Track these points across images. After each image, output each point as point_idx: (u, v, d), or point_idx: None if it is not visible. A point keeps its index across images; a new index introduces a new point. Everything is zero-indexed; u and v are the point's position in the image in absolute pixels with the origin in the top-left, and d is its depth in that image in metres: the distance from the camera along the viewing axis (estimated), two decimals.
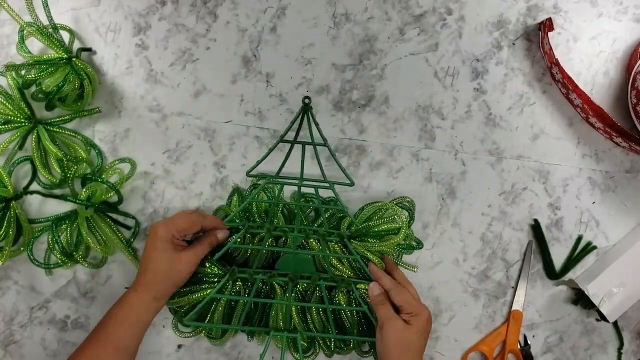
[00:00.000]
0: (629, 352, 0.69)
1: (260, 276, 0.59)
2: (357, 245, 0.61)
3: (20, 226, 0.62)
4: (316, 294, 0.61)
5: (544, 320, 0.68)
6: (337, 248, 0.61)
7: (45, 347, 0.67)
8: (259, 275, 0.60)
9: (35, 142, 0.62)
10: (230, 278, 0.59)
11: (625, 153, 0.68)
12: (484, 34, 0.67)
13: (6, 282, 0.66)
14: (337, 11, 0.67)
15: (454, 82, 0.67)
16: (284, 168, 0.59)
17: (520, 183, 0.68)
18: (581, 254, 0.67)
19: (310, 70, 0.67)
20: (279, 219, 0.62)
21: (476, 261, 0.68)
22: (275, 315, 0.60)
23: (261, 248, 0.60)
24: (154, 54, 0.66)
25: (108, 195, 0.64)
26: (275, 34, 0.67)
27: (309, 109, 0.53)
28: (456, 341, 0.68)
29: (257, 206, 0.63)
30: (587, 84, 0.68)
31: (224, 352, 0.67)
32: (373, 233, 0.61)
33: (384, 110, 0.67)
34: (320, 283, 0.60)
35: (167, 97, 0.66)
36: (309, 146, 0.58)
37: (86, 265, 0.64)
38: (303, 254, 0.61)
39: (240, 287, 0.60)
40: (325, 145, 0.56)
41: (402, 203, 0.64)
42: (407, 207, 0.64)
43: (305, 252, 0.61)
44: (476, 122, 0.67)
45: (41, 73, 0.60)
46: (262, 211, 0.63)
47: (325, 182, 0.58)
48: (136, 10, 0.67)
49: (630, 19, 0.68)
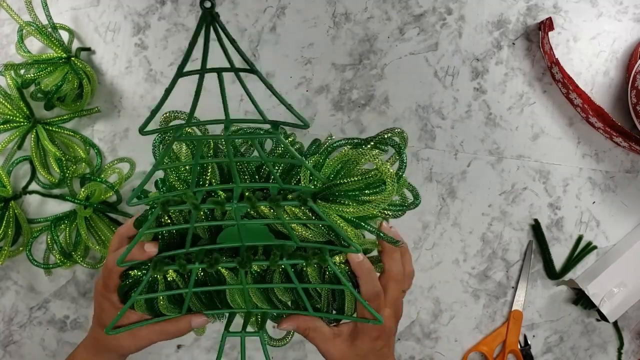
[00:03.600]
0: (629, 352, 0.69)
1: (197, 265, 0.42)
2: (326, 209, 0.42)
3: (19, 226, 0.62)
4: (278, 270, 0.45)
5: (544, 320, 0.68)
6: (298, 212, 0.42)
7: (44, 347, 0.67)
8: (194, 266, 0.42)
9: (34, 142, 0.62)
10: (156, 273, 0.43)
11: (626, 153, 0.68)
12: (484, 34, 0.67)
13: (5, 282, 0.66)
14: (337, 11, 0.67)
15: (454, 81, 0.67)
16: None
17: (520, 183, 0.68)
18: (581, 254, 0.67)
19: (310, 69, 0.67)
20: (212, 176, 0.44)
21: (476, 261, 0.68)
22: (232, 298, 0.47)
23: (189, 226, 0.41)
24: (154, 54, 0.66)
25: (107, 195, 0.64)
26: (275, 33, 0.67)
27: (215, 20, 0.33)
28: (456, 341, 0.68)
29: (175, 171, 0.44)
30: (587, 83, 0.68)
31: (223, 352, 0.67)
32: (347, 191, 0.42)
33: (384, 110, 0.67)
34: (283, 262, 0.43)
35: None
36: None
37: (85, 265, 0.64)
38: (252, 224, 0.43)
39: (175, 278, 0.45)
40: (252, 70, 0.37)
41: (389, 138, 0.44)
42: (396, 142, 0.44)
43: (254, 222, 0.43)
44: (476, 122, 0.67)
45: (40, 72, 0.60)
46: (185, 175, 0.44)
47: (265, 121, 0.38)
48: (135, 10, 0.66)
49: (630, 19, 0.68)
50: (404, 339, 0.68)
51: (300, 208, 0.42)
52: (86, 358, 0.48)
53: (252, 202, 0.40)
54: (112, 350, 0.48)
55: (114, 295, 0.46)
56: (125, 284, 0.45)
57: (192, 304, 0.47)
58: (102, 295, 0.46)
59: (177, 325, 0.46)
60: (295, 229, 0.43)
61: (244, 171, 0.45)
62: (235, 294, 0.47)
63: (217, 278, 0.46)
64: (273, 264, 0.43)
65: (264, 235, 0.44)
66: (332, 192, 0.42)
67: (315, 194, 0.42)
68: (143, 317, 0.47)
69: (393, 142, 0.44)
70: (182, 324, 0.46)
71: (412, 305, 0.67)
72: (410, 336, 0.68)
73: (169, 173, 0.44)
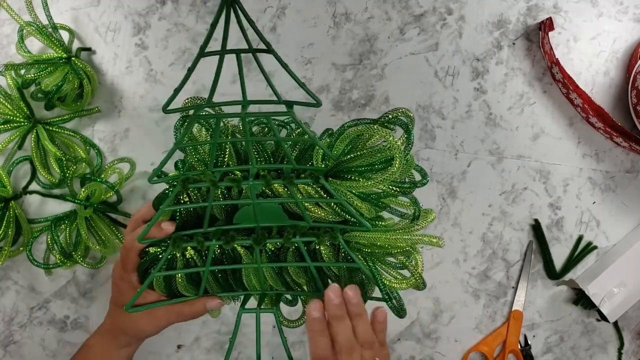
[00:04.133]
0: (629, 352, 0.69)
1: (214, 242, 0.44)
2: (337, 186, 0.44)
3: (20, 226, 0.62)
4: (292, 249, 0.47)
5: (545, 321, 0.68)
6: (310, 190, 0.44)
7: (44, 348, 0.67)
8: (211, 242, 0.44)
9: (34, 142, 0.62)
10: (174, 250, 0.44)
11: (626, 153, 0.68)
12: (484, 34, 0.67)
13: (6, 282, 0.66)
14: (337, 11, 0.67)
15: (454, 81, 0.67)
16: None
17: (520, 183, 0.68)
18: (581, 254, 0.67)
19: (310, 69, 0.67)
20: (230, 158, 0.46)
21: (476, 261, 0.68)
22: (248, 278, 0.48)
23: (207, 205, 0.43)
24: (154, 54, 0.66)
25: (107, 195, 0.64)
26: (275, 33, 0.67)
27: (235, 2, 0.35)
28: (456, 341, 0.68)
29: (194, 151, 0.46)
30: (587, 83, 0.68)
31: (223, 352, 0.67)
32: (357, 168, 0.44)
33: (384, 110, 0.67)
34: (296, 240, 0.45)
35: (167, 97, 0.66)
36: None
37: (85, 265, 0.64)
38: (267, 203, 0.45)
39: (193, 255, 0.46)
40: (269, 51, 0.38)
41: (396, 117, 0.45)
42: (404, 122, 0.45)
43: (269, 201, 0.45)
44: (476, 122, 0.67)
45: (40, 72, 0.60)
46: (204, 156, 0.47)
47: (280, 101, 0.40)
48: (136, 10, 0.66)
49: (630, 19, 0.68)
50: (404, 339, 0.68)
51: (313, 186, 0.43)
52: (103, 343, 0.49)
53: (267, 179, 0.42)
54: (129, 333, 0.49)
55: (133, 275, 0.47)
56: (145, 261, 0.46)
57: (208, 286, 0.48)
58: (120, 277, 0.47)
59: (193, 306, 0.47)
60: (309, 208, 0.44)
61: (259, 154, 0.47)
62: (251, 273, 0.48)
63: (232, 257, 0.47)
64: (287, 241, 0.44)
65: (278, 216, 0.46)
66: (343, 169, 0.44)
67: (327, 173, 0.44)
68: (160, 298, 0.48)
69: (400, 121, 0.45)
70: (197, 305, 0.48)
71: (412, 305, 0.67)
72: (410, 336, 0.68)
73: (188, 153, 0.46)
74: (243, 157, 0.48)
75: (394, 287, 0.46)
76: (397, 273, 0.47)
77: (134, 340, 0.50)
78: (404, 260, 0.47)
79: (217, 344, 0.67)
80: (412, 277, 0.45)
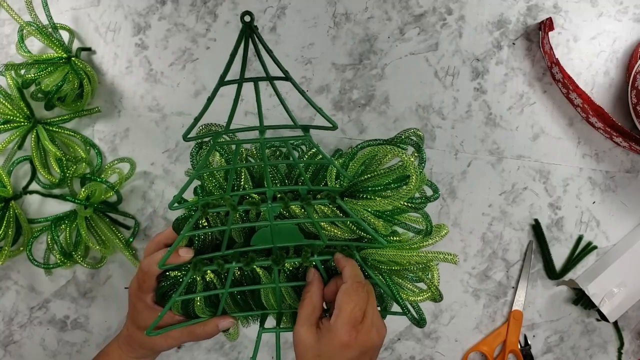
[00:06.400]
0: (629, 352, 0.69)
1: (234, 264, 0.46)
2: (353, 205, 0.45)
3: (20, 226, 0.62)
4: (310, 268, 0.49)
5: (545, 320, 0.68)
6: (326, 210, 0.46)
7: (44, 347, 0.67)
8: (231, 265, 0.46)
9: (34, 142, 0.62)
10: (195, 273, 0.46)
11: (626, 153, 0.68)
12: (484, 34, 0.67)
13: (6, 282, 0.66)
14: (337, 11, 0.67)
15: (454, 81, 0.67)
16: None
17: (520, 183, 0.68)
18: (581, 254, 0.67)
19: (310, 69, 0.67)
20: (245, 182, 0.47)
21: (476, 261, 0.68)
22: (266, 298, 0.49)
23: (226, 228, 0.44)
24: (154, 54, 0.66)
25: (107, 195, 0.64)
26: (275, 33, 0.67)
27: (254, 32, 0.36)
28: (456, 341, 0.68)
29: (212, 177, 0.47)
30: (587, 83, 0.68)
31: (223, 352, 0.67)
32: (373, 187, 0.45)
33: (384, 109, 0.67)
34: (314, 259, 0.46)
35: (167, 97, 0.66)
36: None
37: (85, 265, 0.64)
38: (284, 224, 0.46)
39: (213, 279, 0.47)
40: (286, 78, 0.38)
41: (408, 137, 0.47)
42: (414, 142, 0.47)
43: (286, 222, 0.46)
44: (476, 122, 0.67)
45: (40, 72, 0.60)
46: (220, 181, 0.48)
47: (296, 126, 0.41)
48: (136, 10, 0.66)
49: (630, 19, 0.68)
50: (404, 338, 0.68)
51: (329, 206, 0.45)
52: (121, 354, 0.51)
53: (285, 201, 0.44)
54: (146, 347, 0.50)
55: (148, 296, 0.48)
56: (164, 285, 0.47)
57: (227, 306, 0.49)
58: (136, 296, 0.48)
59: (206, 327, 0.49)
60: (325, 227, 0.46)
61: (274, 177, 0.48)
62: (269, 293, 0.49)
63: (252, 278, 0.48)
64: (305, 260, 0.46)
65: (295, 236, 0.47)
66: (358, 189, 0.46)
67: (343, 192, 0.46)
68: (174, 318, 0.49)
69: (411, 140, 0.47)
70: (210, 326, 0.49)
71: None
72: (410, 336, 0.68)
73: (206, 180, 0.47)
74: (257, 180, 0.49)
75: (411, 300, 0.47)
76: (413, 286, 0.48)
77: (150, 353, 0.52)
78: (421, 275, 0.48)
79: (217, 344, 0.67)
80: (428, 290, 0.47)
